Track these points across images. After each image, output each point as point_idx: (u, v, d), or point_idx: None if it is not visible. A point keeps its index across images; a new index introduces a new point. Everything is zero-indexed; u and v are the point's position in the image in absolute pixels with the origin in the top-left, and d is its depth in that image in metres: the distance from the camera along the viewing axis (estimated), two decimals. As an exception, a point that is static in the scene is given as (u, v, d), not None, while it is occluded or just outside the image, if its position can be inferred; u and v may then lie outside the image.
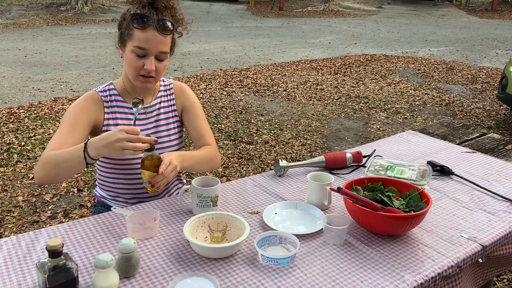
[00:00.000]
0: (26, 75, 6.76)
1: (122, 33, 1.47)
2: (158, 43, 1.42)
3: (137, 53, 1.43)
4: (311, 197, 1.47)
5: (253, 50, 9.41)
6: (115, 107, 1.56)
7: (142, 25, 1.40)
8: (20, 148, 3.98)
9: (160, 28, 1.41)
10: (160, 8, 1.42)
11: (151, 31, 1.40)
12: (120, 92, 1.58)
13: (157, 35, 1.41)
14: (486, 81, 7.07)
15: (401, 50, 9.87)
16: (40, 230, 1.29)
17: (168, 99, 1.67)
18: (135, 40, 1.42)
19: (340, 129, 4.78)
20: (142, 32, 1.40)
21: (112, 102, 1.56)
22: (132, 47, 1.43)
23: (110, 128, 1.54)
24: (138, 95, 1.52)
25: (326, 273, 1.14)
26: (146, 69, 1.44)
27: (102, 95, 1.55)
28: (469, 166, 1.82)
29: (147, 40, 1.41)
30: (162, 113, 1.64)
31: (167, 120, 1.65)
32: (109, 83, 1.60)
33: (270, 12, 17.53)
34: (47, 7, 15.38)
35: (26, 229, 2.77)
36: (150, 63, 1.43)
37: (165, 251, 1.21)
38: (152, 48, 1.42)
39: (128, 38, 1.44)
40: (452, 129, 2.34)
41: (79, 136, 1.45)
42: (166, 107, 1.66)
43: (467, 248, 1.26)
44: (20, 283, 1.07)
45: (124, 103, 1.58)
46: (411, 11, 19.31)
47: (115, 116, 1.55)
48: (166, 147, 1.61)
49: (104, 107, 1.54)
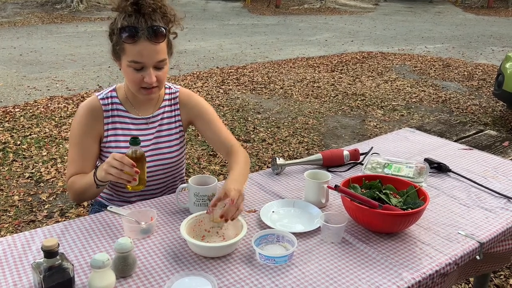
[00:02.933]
0: (21, 73, 6.73)
1: (114, 46, 1.40)
2: (153, 53, 1.35)
3: (133, 67, 1.37)
4: (309, 195, 1.47)
5: (250, 48, 9.40)
6: (116, 117, 1.53)
7: (132, 39, 1.32)
8: (16, 147, 3.96)
9: (151, 37, 1.33)
10: (148, 12, 1.33)
11: (143, 42, 1.33)
12: (122, 100, 1.54)
13: (150, 45, 1.34)
14: (482, 78, 7.08)
15: (398, 47, 9.88)
16: (35, 230, 1.28)
17: (172, 109, 1.60)
18: (129, 54, 1.35)
19: (337, 127, 4.78)
20: (134, 46, 1.33)
21: (114, 111, 1.53)
22: (127, 62, 1.37)
23: (109, 138, 1.52)
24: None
25: (324, 271, 1.13)
26: (146, 82, 1.38)
27: (102, 103, 1.51)
28: (466, 163, 1.82)
29: (141, 53, 1.34)
30: (165, 123, 1.59)
31: (169, 131, 1.59)
32: (112, 89, 1.55)
33: (267, 9, 17.51)
34: (42, 5, 15.30)
35: (23, 229, 2.76)
36: (149, 75, 1.37)
37: (162, 251, 1.20)
38: (148, 60, 1.36)
39: (121, 52, 1.38)
40: (449, 126, 2.34)
41: (92, 156, 1.51)
42: (170, 117, 1.60)
43: (464, 245, 1.26)
44: (16, 283, 1.06)
45: (125, 113, 1.54)
46: (408, 8, 19.33)
47: (114, 126, 1.53)
48: (166, 159, 1.58)
49: (104, 117, 1.51)
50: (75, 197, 1.50)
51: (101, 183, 1.37)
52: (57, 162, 3.70)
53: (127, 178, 1.26)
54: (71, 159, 1.51)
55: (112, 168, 1.25)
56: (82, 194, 1.46)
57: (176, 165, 1.62)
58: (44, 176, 3.46)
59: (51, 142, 4.11)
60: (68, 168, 1.51)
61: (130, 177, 1.27)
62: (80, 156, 1.49)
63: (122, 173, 1.25)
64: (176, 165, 1.62)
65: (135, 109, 1.55)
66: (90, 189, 1.42)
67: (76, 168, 1.49)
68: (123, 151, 1.39)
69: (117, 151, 1.49)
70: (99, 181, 1.36)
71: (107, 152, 1.51)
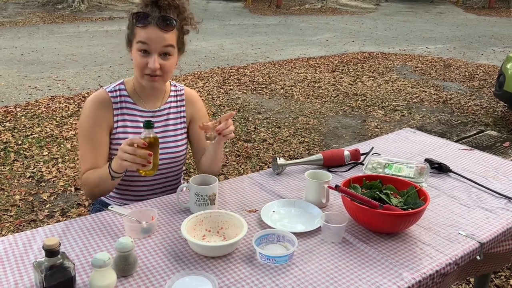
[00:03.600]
0: (22, 73, 6.73)
1: (129, 34, 1.48)
2: (160, 39, 1.42)
3: (140, 48, 1.43)
4: (309, 195, 1.47)
5: (251, 48, 9.40)
6: (124, 109, 1.55)
7: (143, 22, 1.41)
8: (17, 146, 3.97)
9: (160, 24, 1.41)
10: (164, 6, 1.42)
11: (152, 27, 1.41)
12: (130, 93, 1.58)
13: (158, 31, 1.41)
14: (484, 79, 7.08)
15: (399, 47, 9.88)
16: (37, 229, 1.28)
17: (178, 105, 1.66)
18: (137, 37, 1.43)
19: (338, 127, 4.78)
20: (143, 29, 1.41)
21: (122, 103, 1.55)
22: (135, 44, 1.44)
23: (118, 129, 1.54)
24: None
25: (324, 271, 1.13)
26: (150, 67, 1.44)
27: (111, 95, 1.54)
28: (466, 164, 1.82)
29: (149, 37, 1.41)
30: (171, 118, 1.63)
31: (175, 126, 1.64)
32: (120, 82, 1.59)
33: (268, 9, 17.51)
34: (44, 5, 15.31)
35: (24, 228, 2.76)
36: (153, 61, 1.43)
37: (162, 250, 1.21)
38: (154, 44, 1.42)
39: (132, 37, 1.46)
40: (449, 126, 2.34)
41: (104, 149, 1.52)
42: (176, 113, 1.65)
43: (465, 245, 1.26)
44: (17, 282, 1.06)
45: (134, 105, 1.57)
46: (409, 9, 19.32)
47: (123, 118, 1.55)
48: (173, 153, 1.60)
49: (113, 108, 1.53)
50: (90, 192, 1.50)
51: (117, 174, 1.38)
52: (58, 161, 3.71)
53: (141, 162, 1.27)
54: (83, 155, 1.51)
55: (125, 153, 1.27)
56: (97, 187, 1.46)
57: (181, 160, 1.65)
58: (45, 175, 3.46)
59: (52, 141, 4.12)
60: (82, 165, 1.51)
61: (144, 160, 1.27)
62: (93, 149, 1.50)
63: (136, 158, 1.27)
64: (180, 160, 1.65)
65: (143, 101, 1.59)
66: (105, 182, 1.42)
67: (90, 163, 1.49)
68: None
69: None
70: (114, 172, 1.37)
71: (117, 144, 1.53)
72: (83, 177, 1.50)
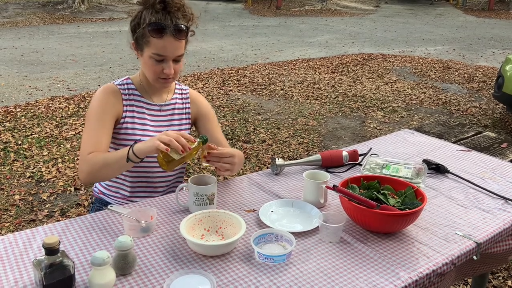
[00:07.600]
0: (22, 74, 6.74)
1: (138, 38, 1.48)
2: (175, 48, 1.47)
3: (155, 58, 1.47)
4: (307, 195, 1.48)
5: (251, 49, 9.41)
6: (133, 101, 1.59)
7: (159, 34, 1.43)
8: (17, 147, 3.98)
9: (176, 34, 1.44)
10: (173, 11, 1.45)
11: (168, 38, 1.44)
12: (138, 87, 1.62)
13: (174, 41, 1.45)
14: (483, 80, 7.09)
15: (398, 49, 9.89)
16: (37, 228, 1.29)
17: (183, 102, 1.71)
18: (153, 47, 1.45)
19: (337, 128, 4.79)
20: (160, 40, 1.44)
21: (131, 95, 1.59)
22: (150, 54, 1.46)
23: (126, 119, 1.56)
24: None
25: (321, 270, 1.14)
26: (165, 73, 1.48)
27: (120, 88, 1.58)
28: (464, 164, 1.83)
29: (165, 48, 1.45)
30: (176, 113, 1.68)
31: (180, 121, 1.68)
32: (127, 78, 1.63)
33: (268, 11, 17.52)
34: (44, 6, 15.33)
35: (23, 228, 2.77)
36: (169, 67, 1.48)
37: (161, 249, 1.21)
38: (170, 54, 1.47)
39: (145, 44, 1.47)
40: (448, 127, 2.35)
41: (108, 135, 1.52)
42: (181, 109, 1.69)
43: (461, 245, 1.26)
44: (17, 280, 1.07)
45: (142, 98, 1.61)
46: (408, 10, 19.34)
47: (132, 109, 1.58)
48: None
49: (123, 99, 1.57)
50: (92, 171, 1.42)
51: (135, 157, 1.36)
52: (57, 162, 3.71)
53: (177, 147, 1.30)
54: (88, 137, 1.48)
55: (167, 137, 1.31)
56: (104, 166, 1.41)
57: None
58: (45, 175, 3.47)
59: (52, 142, 4.12)
60: (85, 146, 1.47)
61: (180, 147, 1.30)
62: (98, 131, 1.48)
63: (173, 141, 1.30)
64: None
65: (150, 95, 1.63)
66: (116, 163, 1.40)
67: (94, 145, 1.46)
68: (138, 134, 1.56)
69: (133, 132, 1.56)
70: (133, 154, 1.36)
71: (124, 134, 1.55)
72: (88, 156, 1.43)
